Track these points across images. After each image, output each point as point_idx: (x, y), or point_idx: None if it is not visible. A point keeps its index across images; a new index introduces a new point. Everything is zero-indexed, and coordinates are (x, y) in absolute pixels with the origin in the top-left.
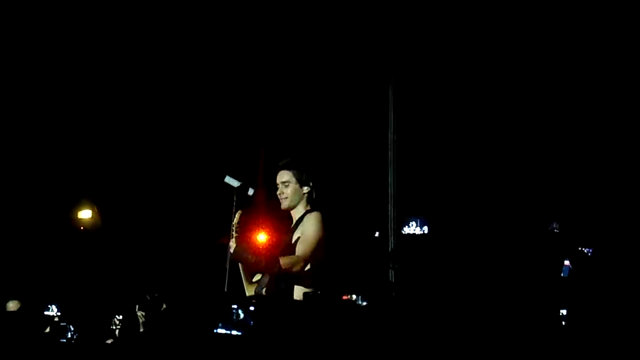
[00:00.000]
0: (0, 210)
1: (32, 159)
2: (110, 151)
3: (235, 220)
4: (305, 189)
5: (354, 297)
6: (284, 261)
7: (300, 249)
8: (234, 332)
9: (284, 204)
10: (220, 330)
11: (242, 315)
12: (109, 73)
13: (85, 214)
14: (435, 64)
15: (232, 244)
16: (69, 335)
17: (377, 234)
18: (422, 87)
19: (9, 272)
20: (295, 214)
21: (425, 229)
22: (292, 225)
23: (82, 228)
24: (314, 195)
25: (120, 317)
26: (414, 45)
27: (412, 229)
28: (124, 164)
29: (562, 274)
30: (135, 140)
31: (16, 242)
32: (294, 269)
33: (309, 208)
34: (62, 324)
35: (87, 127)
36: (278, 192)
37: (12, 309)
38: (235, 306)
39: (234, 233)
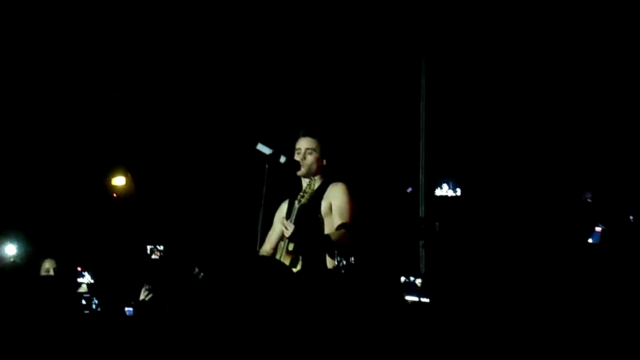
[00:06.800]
0: (36, 177)
1: (66, 126)
2: (143, 118)
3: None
4: (325, 161)
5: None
6: (334, 237)
7: (339, 222)
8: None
9: (302, 171)
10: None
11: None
12: (139, 45)
13: (119, 180)
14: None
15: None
16: (93, 307)
17: (409, 190)
18: (456, 51)
19: (44, 235)
20: (311, 183)
21: (458, 191)
22: (308, 194)
23: (115, 195)
24: (329, 167)
25: (149, 286)
26: (449, 12)
27: (444, 191)
28: (157, 130)
29: (591, 240)
30: (168, 107)
31: (51, 207)
32: (343, 243)
33: (324, 179)
34: (85, 295)
35: (121, 94)
36: (300, 158)
37: (48, 268)
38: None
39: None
